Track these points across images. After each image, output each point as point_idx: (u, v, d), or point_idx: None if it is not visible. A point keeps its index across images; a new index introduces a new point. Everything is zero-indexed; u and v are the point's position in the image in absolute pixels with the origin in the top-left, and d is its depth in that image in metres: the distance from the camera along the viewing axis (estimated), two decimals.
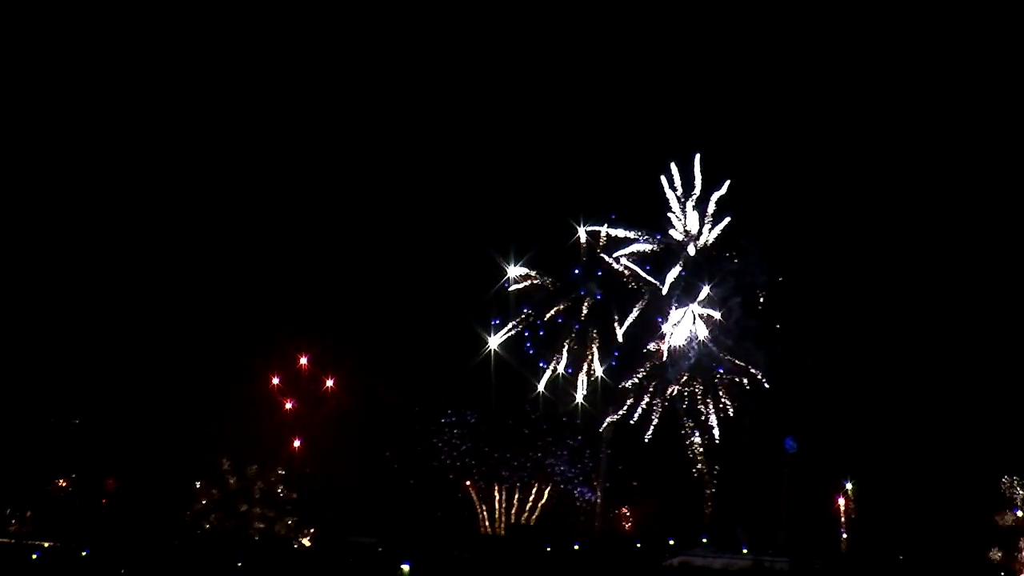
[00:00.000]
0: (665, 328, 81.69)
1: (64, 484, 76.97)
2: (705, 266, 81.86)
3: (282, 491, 77.38)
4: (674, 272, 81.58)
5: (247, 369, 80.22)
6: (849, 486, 79.74)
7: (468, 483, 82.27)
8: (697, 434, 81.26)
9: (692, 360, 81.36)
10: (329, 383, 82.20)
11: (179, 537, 71.77)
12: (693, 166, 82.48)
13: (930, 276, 79.09)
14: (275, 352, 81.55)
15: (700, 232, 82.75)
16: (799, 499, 78.74)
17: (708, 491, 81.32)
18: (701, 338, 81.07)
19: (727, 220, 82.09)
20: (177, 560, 67.19)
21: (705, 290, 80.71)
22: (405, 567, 63.67)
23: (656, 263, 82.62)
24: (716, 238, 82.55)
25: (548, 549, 74.30)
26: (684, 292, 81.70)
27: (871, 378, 78.69)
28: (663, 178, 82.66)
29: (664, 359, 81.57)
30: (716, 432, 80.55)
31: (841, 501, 79.85)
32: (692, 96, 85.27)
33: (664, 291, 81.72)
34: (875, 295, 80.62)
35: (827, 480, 79.53)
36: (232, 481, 76.22)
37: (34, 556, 67.56)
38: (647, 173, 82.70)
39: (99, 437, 78.44)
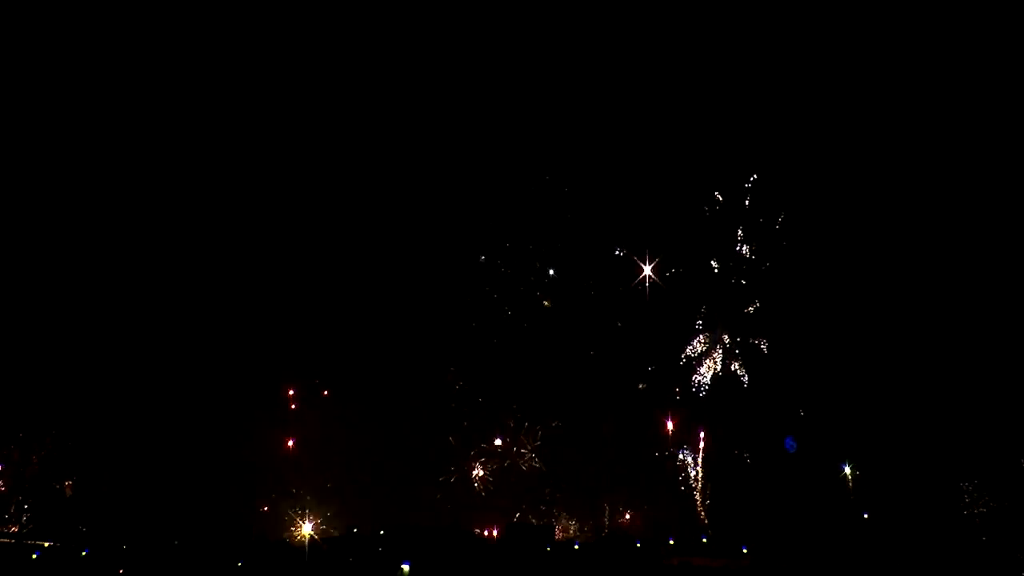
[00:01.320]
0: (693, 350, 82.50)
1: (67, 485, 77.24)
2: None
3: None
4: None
5: (246, 364, 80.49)
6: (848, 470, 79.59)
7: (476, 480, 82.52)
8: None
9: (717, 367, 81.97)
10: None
11: (179, 537, 71.82)
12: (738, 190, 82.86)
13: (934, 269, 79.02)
14: (275, 348, 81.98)
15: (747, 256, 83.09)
16: (799, 498, 78.70)
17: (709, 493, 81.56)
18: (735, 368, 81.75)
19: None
20: (177, 560, 67.33)
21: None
22: (405, 567, 63.64)
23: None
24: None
25: (548, 549, 74.22)
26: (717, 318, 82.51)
27: (871, 378, 78.74)
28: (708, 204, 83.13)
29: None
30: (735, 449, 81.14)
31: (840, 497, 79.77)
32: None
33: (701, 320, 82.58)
34: (875, 291, 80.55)
35: (826, 477, 79.53)
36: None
37: (34, 556, 67.67)
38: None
39: (101, 440, 78.63)
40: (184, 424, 78.36)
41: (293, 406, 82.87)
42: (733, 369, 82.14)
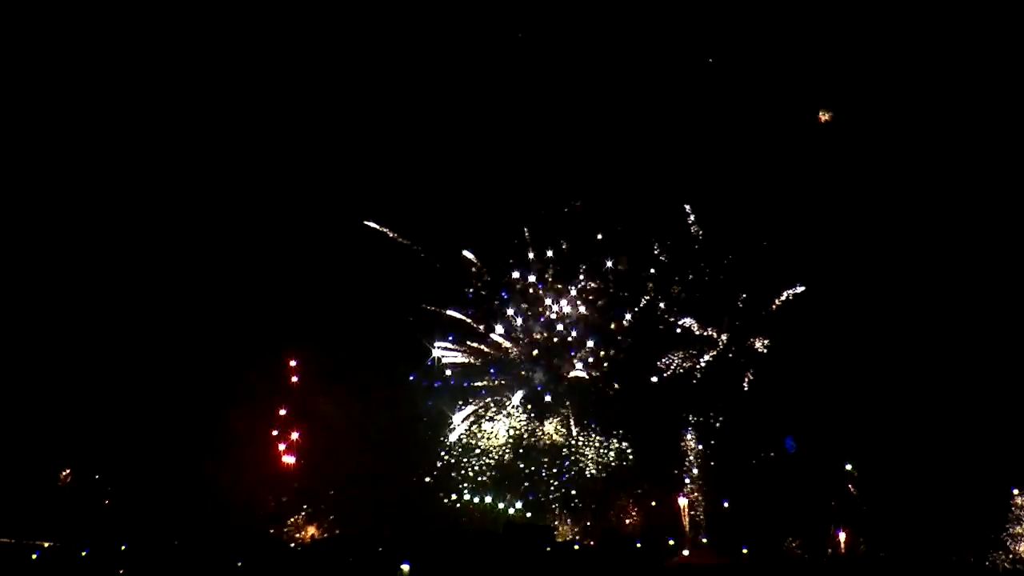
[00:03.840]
0: None
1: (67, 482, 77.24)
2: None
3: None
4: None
5: (246, 365, 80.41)
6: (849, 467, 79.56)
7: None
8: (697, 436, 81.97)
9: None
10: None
11: (179, 537, 71.77)
12: None
13: (931, 266, 78.86)
14: (275, 347, 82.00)
15: None
16: (799, 498, 78.82)
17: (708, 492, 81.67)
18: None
19: None
20: (177, 560, 67.31)
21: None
22: (405, 567, 63.67)
23: None
24: None
25: (548, 549, 74.24)
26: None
27: (872, 375, 78.77)
28: None
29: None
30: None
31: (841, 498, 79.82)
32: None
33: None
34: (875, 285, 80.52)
35: (826, 477, 79.63)
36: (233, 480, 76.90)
37: (34, 556, 67.64)
38: None
39: (100, 437, 78.56)
40: (183, 424, 78.30)
41: (294, 405, 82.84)
42: (733, 368, 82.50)
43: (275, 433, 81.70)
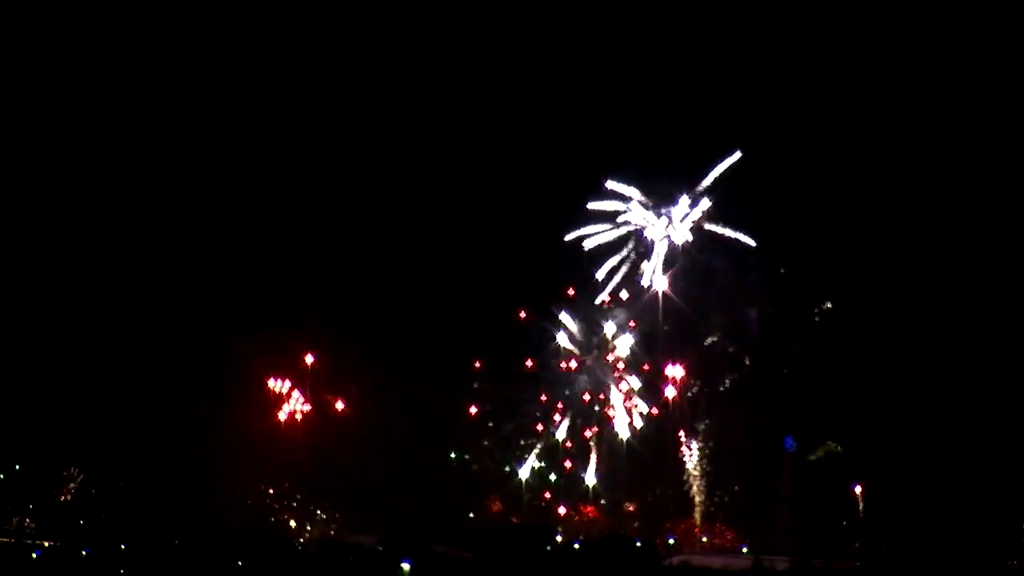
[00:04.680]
0: None
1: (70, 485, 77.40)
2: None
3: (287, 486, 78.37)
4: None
5: (250, 366, 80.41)
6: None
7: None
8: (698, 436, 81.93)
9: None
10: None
11: (179, 537, 71.85)
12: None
13: (939, 263, 78.60)
14: (279, 347, 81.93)
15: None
16: (800, 498, 78.81)
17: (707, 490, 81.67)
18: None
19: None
20: (177, 560, 67.31)
21: None
22: (405, 566, 63.64)
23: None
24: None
25: (548, 549, 74.21)
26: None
27: (880, 375, 78.64)
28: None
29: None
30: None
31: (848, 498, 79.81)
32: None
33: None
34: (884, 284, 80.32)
35: (832, 479, 79.59)
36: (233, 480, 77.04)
37: (34, 556, 67.70)
38: None
39: (101, 438, 78.58)
40: (187, 428, 78.40)
41: (296, 408, 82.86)
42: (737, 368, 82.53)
43: (277, 435, 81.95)
